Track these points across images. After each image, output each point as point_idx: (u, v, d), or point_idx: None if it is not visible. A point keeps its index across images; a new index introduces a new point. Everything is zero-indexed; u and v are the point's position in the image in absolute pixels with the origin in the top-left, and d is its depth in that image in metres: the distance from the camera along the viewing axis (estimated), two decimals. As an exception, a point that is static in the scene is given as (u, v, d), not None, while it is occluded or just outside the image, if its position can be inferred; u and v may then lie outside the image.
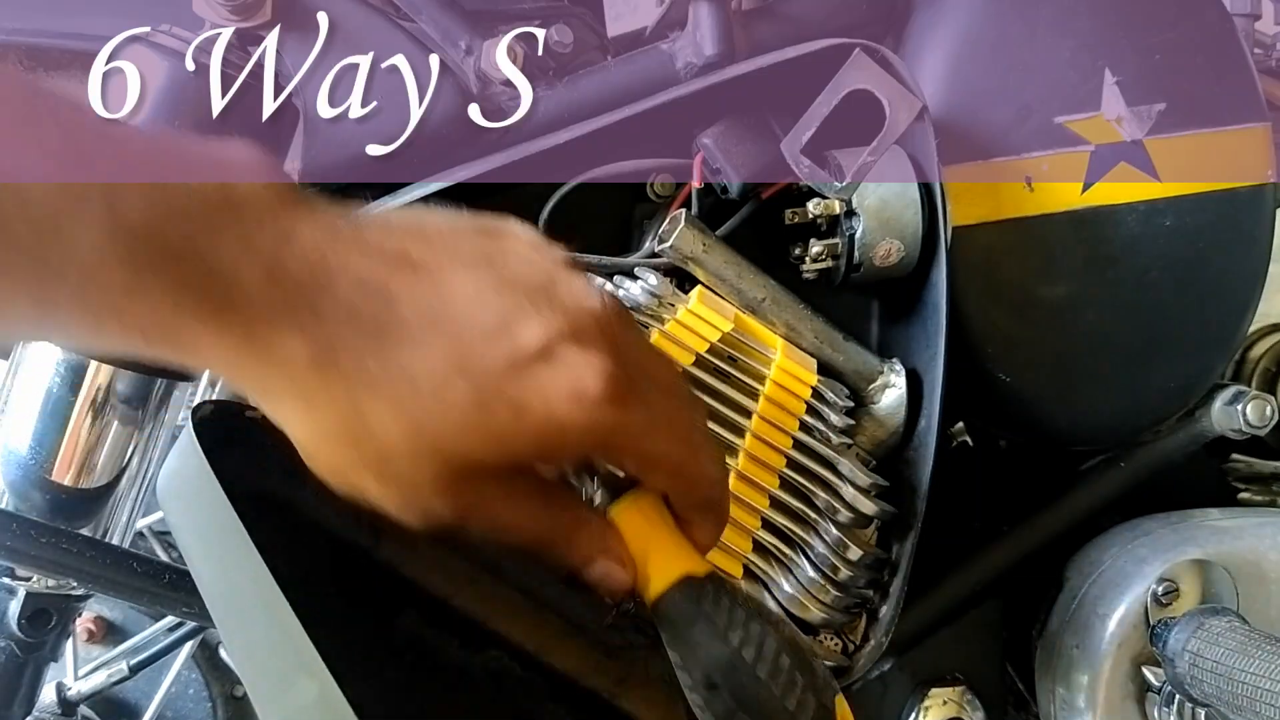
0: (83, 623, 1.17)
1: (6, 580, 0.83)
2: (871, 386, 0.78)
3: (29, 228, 0.29)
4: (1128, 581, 0.81)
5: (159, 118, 0.68)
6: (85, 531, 0.78)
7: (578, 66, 0.79)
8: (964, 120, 0.80)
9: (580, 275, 0.38)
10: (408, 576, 0.68)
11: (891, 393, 0.77)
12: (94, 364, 0.75)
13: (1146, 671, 0.80)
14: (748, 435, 0.71)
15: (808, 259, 0.76)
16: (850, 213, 0.74)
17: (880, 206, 0.74)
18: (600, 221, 0.80)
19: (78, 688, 1.07)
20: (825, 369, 0.77)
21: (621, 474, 0.42)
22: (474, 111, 0.74)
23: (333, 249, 0.33)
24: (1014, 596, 0.90)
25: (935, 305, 0.74)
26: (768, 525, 0.70)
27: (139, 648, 1.11)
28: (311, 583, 0.39)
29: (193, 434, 0.47)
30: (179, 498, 0.48)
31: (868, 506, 0.70)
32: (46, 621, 0.89)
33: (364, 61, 0.72)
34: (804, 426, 0.73)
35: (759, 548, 0.70)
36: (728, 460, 0.70)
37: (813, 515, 0.71)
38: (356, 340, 0.33)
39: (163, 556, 1.08)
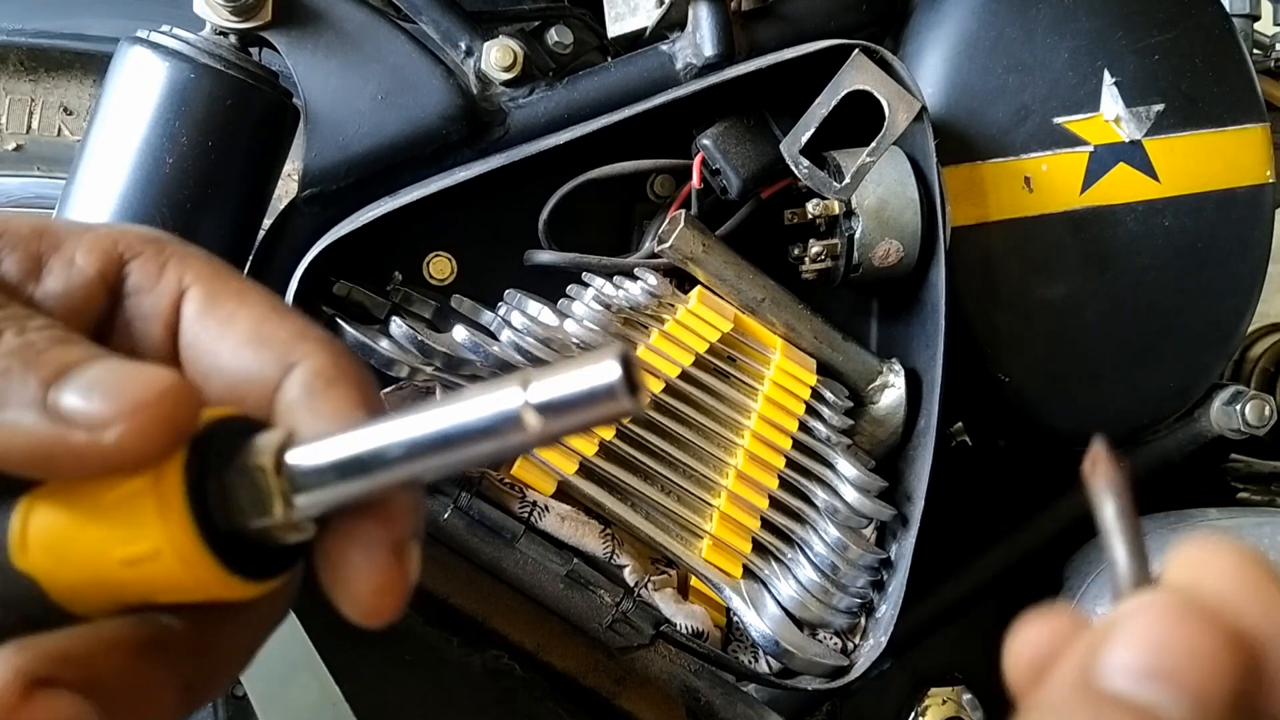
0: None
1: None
2: (871, 386, 0.78)
3: None
4: (1126, 581, 0.81)
5: (161, 121, 0.68)
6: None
7: (578, 67, 0.79)
8: (963, 121, 0.80)
9: None
10: (408, 576, 0.68)
11: (891, 393, 0.77)
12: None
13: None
14: (747, 435, 0.71)
15: (807, 259, 0.76)
16: (849, 213, 0.74)
17: (879, 207, 0.74)
18: (600, 221, 0.80)
19: (78, 687, 1.07)
20: (825, 369, 0.77)
21: None
22: (474, 113, 0.74)
23: None
24: (1013, 596, 0.91)
25: (934, 305, 0.74)
26: (767, 525, 0.71)
27: (139, 647, 1.11)
28: (311, 582, 0.39)
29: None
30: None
31: (867, 506, 0.70)
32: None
33: (365, 63, 0.72)
34: (803, 426, 0.73)
35: (759, 547, 0.71)
36: (728, 460, 0.70)
37: (812, 515, 0.71)
38: None
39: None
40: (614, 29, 0.78)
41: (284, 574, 0.27)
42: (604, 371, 0.22)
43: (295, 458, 0.25)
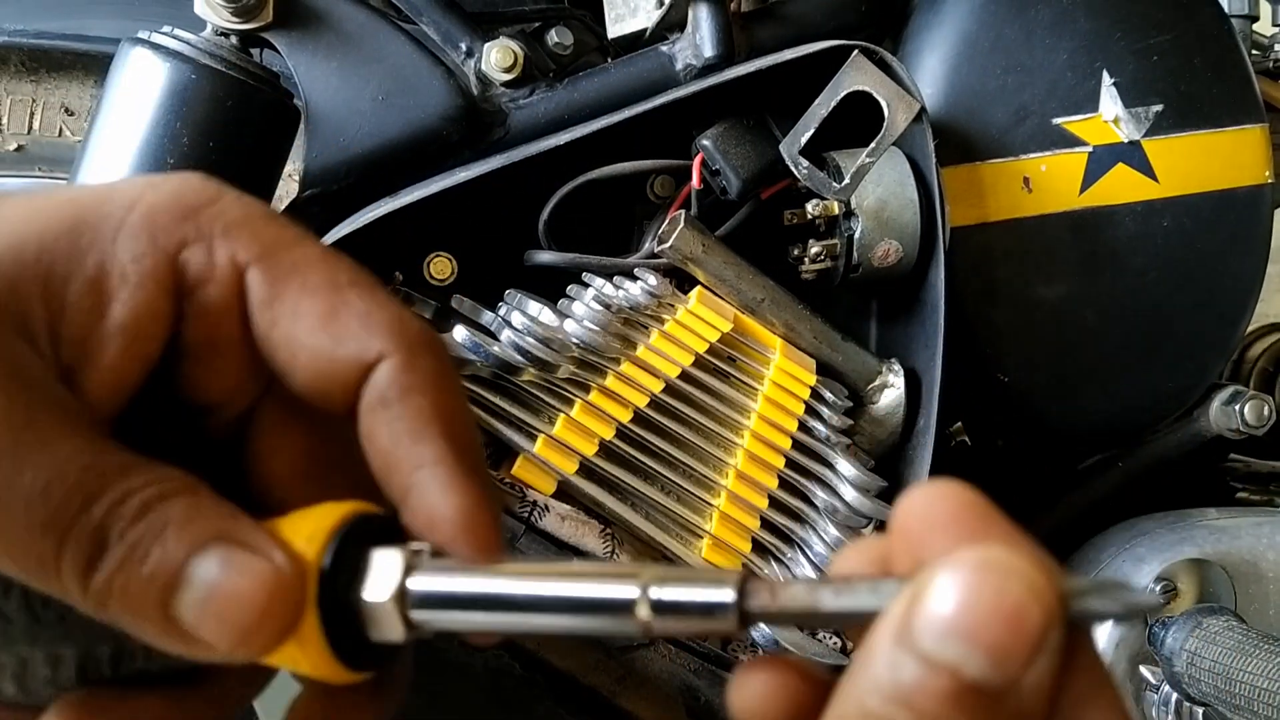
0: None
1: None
2: (870, 386, 0.78)
3: None
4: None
5: (162, 121, 0.68)
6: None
7: (578, 68, 0.79)
8: (962, 121, 0.81)
9: None
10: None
11: (890, 393, 0.77)
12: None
13: (1144, 670, 0.80)
14: (747, 435, 0.71)
15: (806, 260, 0.76)
16: (849, 213, 0.74)
17: (879, 207, 0.74)
18: (600, 221, 0.80)
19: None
20: (824, 369, 0.77)
21: None
22: (474, 113, 0.74)
23: None
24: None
25: (934, 306, 0.74)
26: (767, 525, 0.71)
27: (140, 647, 1.11)
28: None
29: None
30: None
31: (866, 506, 0.70)
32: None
33: (365, 64, 0.72)
34: (803, 426, 0.73)
35: (758, 547, 0.71)
36: (728, 459, 0.70)
37: (812, 515, 0.71)
38: None
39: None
40: (614, 30, 0.78)
41: (401, 657, 0.31)
42: (720, 593, 0.25)
43: (416, 585, 0.27)
